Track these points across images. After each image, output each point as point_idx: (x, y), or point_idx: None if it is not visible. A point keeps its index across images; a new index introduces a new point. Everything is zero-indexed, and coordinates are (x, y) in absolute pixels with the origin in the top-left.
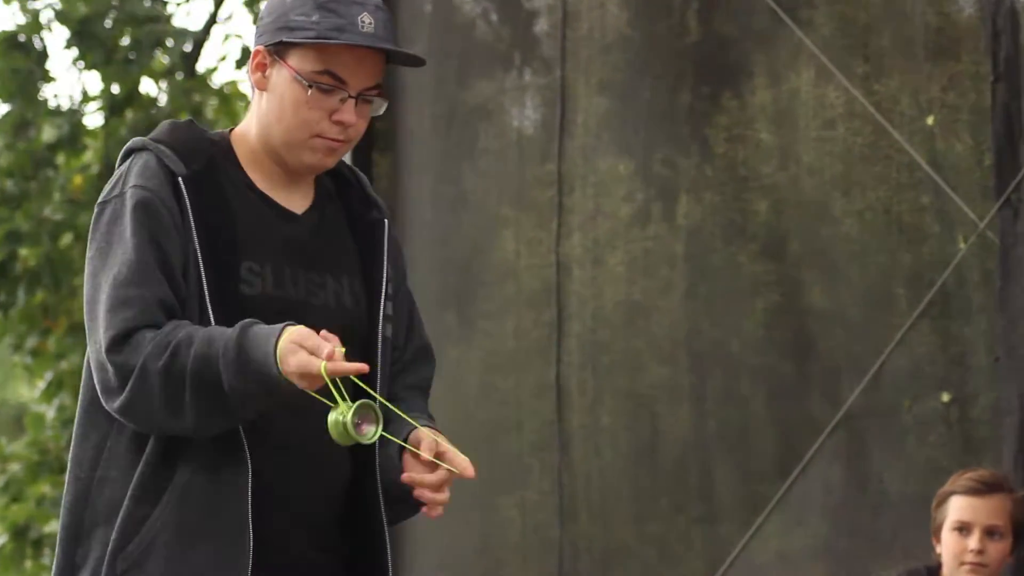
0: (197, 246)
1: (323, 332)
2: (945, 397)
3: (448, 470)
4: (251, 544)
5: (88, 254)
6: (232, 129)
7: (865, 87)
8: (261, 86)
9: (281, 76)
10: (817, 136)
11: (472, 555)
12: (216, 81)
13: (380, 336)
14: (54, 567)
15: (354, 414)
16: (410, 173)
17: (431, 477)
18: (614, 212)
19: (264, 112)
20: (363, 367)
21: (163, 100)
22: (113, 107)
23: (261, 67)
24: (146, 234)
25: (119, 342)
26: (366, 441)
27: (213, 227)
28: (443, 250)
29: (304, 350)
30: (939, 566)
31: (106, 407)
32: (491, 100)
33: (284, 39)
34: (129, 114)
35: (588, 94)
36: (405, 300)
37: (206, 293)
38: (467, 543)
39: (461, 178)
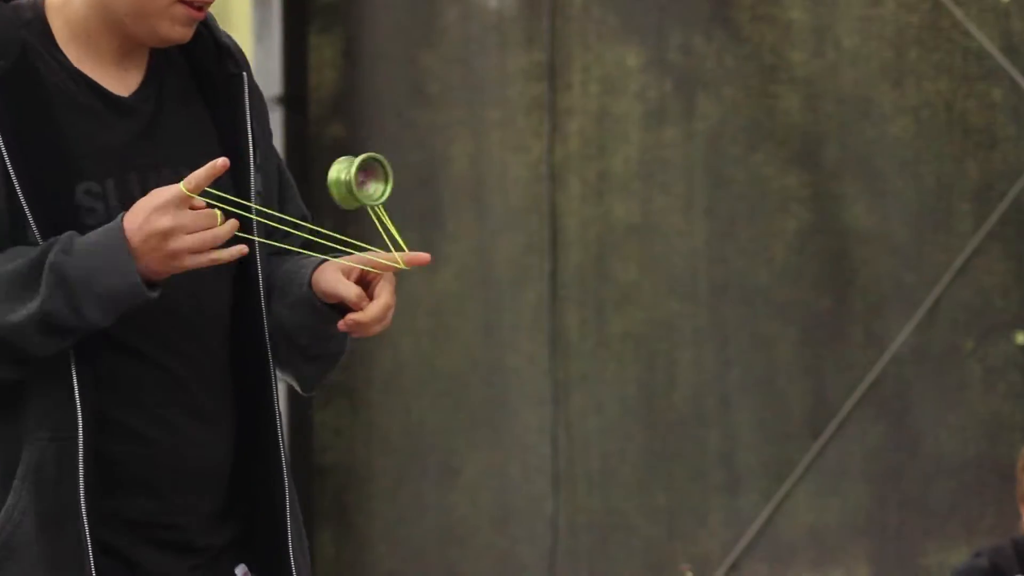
0: (15, 179)
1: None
2: (1020, 338)
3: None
4: (87, 535)
5: None
6: None
7: None
8: None
9: None
10: (861, 15)
11: (449, 529)
12: None
13: (254, 221)
14: None
15: (357, 169)
16: (362, 61)
17: (373, 310)
18: (616, 112)
19: None
20: (222, 161)
21: None
22: None
23: None
24: None
25: None
26: (372, 202)
27: (34, 147)
28: (407, 157)
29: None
30: None
31: None
32: None
33: None
34: None
35: None
36: (273, 165)
37: (36, 235)
38: (440, 515)
39: (427, 69)
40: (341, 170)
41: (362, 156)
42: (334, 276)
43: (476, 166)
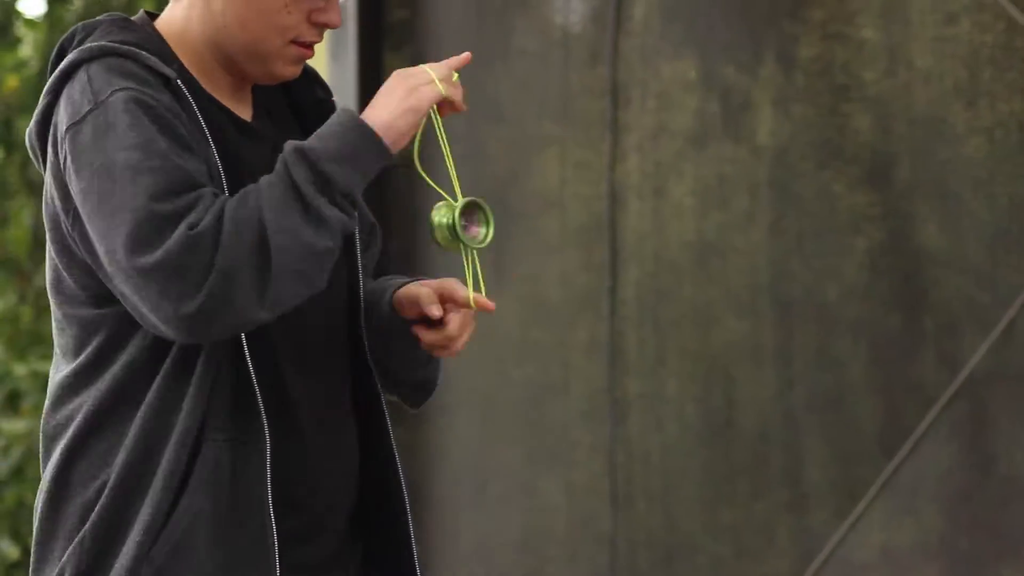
0: (219, 161)
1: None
2: None
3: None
4: (274, 536)
5: (77, 186)
6: (148, 19)
7: None
8: None
9: None
10: (935, 35)
11: (509, 549)
12: None
13: (358, 241)
14: None
15: (460, 214)
16: None
17: (441, 334)
18: (680, 129)
19: (218, 15)
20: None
21: None
22: None
23: None
24: (167, 135)
25: (191, 234)
26: (476, 246)
27: (216, 140)
28: (471, 175)
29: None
30: None
31: (165, 325)
32: None
33: None
34: None
35: None
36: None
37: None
38: (503, 534)
39: (494, 85)
40: (445, 214)
41: (464, 200)
42: (415, 287)
43: (540, 183)
